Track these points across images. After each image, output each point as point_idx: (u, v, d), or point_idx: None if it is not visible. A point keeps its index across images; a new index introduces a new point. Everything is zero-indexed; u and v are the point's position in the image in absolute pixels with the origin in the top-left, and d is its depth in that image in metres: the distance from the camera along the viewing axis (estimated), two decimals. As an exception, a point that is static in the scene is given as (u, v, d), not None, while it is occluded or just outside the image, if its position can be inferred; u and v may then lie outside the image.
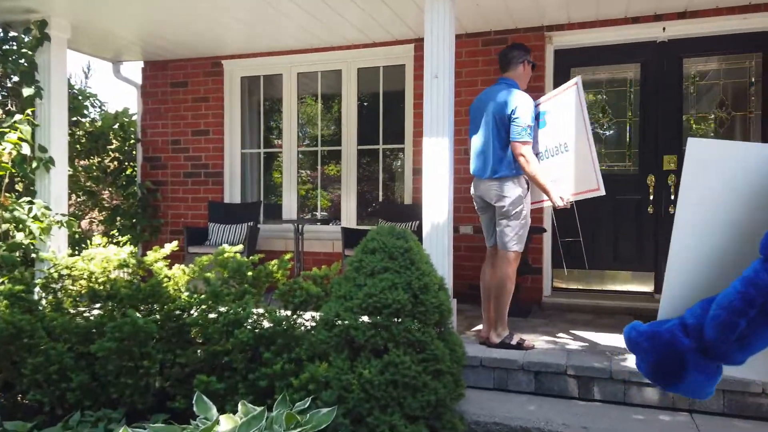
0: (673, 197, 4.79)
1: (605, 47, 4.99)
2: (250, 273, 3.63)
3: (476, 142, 3.71)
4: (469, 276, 4.87)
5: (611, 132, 5.11)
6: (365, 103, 6.08)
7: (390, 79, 5.78)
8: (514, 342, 3.59)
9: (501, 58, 3.77)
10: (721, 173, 1.22)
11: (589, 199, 4.67)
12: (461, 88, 5.19)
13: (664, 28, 4.72)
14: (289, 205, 6.06)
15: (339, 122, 5.97)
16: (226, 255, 3.77)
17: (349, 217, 5.86)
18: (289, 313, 3.29)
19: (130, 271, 3.95)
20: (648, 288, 4.96)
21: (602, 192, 3.36)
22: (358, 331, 2.76)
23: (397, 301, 2.79)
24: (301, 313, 3.32)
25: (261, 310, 3.25)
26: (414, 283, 2.88)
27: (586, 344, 3.73)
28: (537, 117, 3.69)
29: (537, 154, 3.61)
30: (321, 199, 6.30)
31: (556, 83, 5.09)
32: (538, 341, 3.79)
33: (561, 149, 3.57)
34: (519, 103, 3.46)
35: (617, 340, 3.80)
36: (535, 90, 4.94)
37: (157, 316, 3.27)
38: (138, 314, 3.11)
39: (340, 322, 2.84)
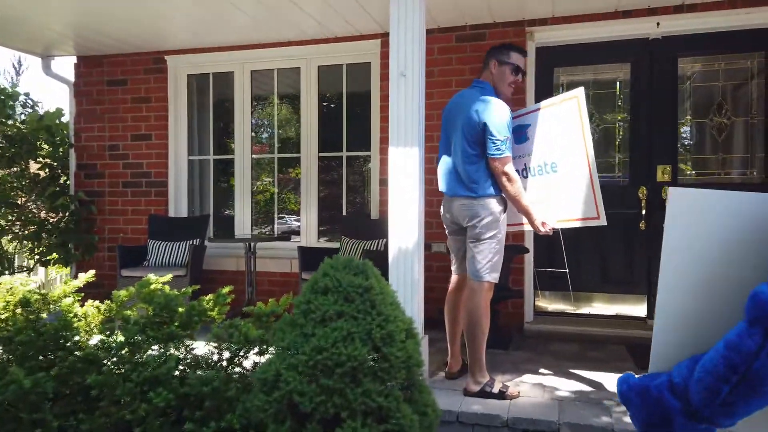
0: (667, 211, 4.31)
1: (592, 44, 4.49)
2: (181, 309, 3.00)
3: (446, 153, 3.20)
4: (441, 300, 4.30)
5: (598, 139, 4.61)
6: (328, 105, 5.48)
7: (355, 78, 5.19)
8: (495, 390, 3.03)
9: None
10: (704, 224, 1.18)
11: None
12: (433, 89, 4.64)
13: (658, 24, 4.23)
14: (242, 220, 5.41)
15: (298, 126, 5.35)
16: (152, 286, 3.13)
17: (309, 233, 5.25)
18: (225, 363, 2.68)
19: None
20: (640, 312, 4.47)
21: (603, 222, 2.88)
22: (304, 396, 2.15)
23: (353, 357, 2.19)
24: (240, 360, 2.71)
25: (190, 359, 2.63)
26: (375, 332, 2.28)
27: (578, 388, 3.20)
28: (516, 130, 3.22)
29: None
30: (278, 212, 5.67)
31: (539, 84, 4.58)
32: (523, 385, 3.25)
33: (547, 169, 3.12)
34: (491, 111, 2.95)
35: (611, 381, 3.28)
36: (515, 93, 4.41)
37: (59, 370, 2.62)
38: (33, 369, 2.47)
39: (282, 384, 2.25)
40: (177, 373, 2.54)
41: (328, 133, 5.28)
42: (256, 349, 2.76)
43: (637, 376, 1.32)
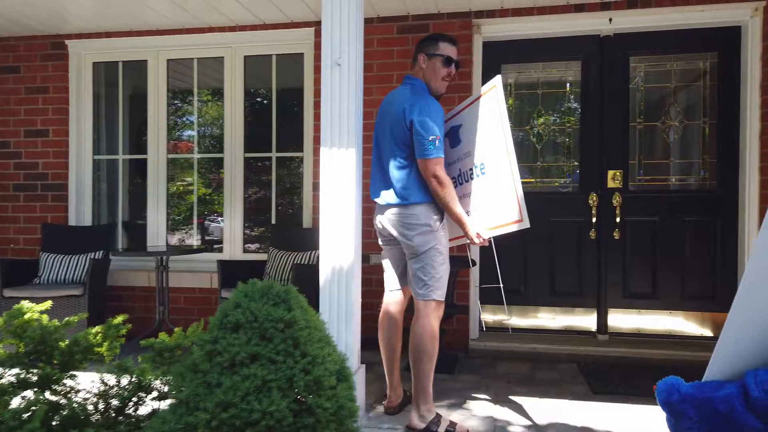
0: (618, 219, 4.07)
1: (542, 40, 4.20)
2: (63, 344, 2.43)
3: (376, 158, 2.83)
4: (373, 317, 3.88)
5: (548, 142, 4.33)
6: (256, 100, 4.95)
7: (286, 70, 4.69)
8: (441, 430, 2.63)
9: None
10: None
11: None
12: (373, 85, 4.21)
13: (610, 19, 3.98)
14: (156, 228, 4.78)
15: (222, 123, 4.79)
16: (26, 316, 2.54)
17: (233, 243, 4.69)
18: (113, 413, 2.14)
19: None
20: (590, 326, 4.21)
21: (526, 224, 2.54)
22: (203, 469, 1.68)
23: (269, 414, 1.72)
24: (134, 408, 2.18)
25: (67, 411, 2.07)
26: (298, 379, 1.81)
27: (533, 420, 2.84)
28: (449, 132, 2.89)
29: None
30: (208, 216, 5.07)
31: (486, 81, 4.23)
32: (472, 420, 2.86)
33: (477, 172, 2.75)
34: (418, 109, 2.59)
35: (567, 410, 2.96)
36: (461, 91, 4.05)
37: None
38: None
39: (175, 450, 1.74)
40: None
41: (256, 132, 4.75)
42: (155, 393, 2.24)
43: (686, 383, 1.17)
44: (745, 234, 3.82)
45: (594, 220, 4.13)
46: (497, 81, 2.67)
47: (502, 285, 3.09)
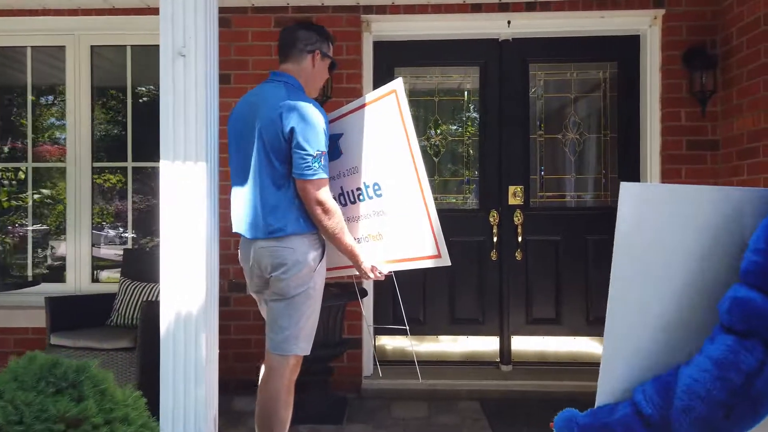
0: (520, 239, 3.75)
1: (439, 43, 3.81)
2: None
3: (238, 178, 2.23)
4: (261, 354, 3.28)
5: (446, 155, 3.95)
6: (107, 100, 4.17)
7: (146, 64, 3.97)
8: None
9: (281, 39, 2.31)
10: (661, 222, 1.05)
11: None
12: (247, 85, 3.55)
13: (509, 22, 3.66)
14: (-25, 255, 3.86)
15: (64, 126, 3.96)
16: None
17: (79, 271, 3.87)
18: None
19: None
20: (494, 355, 3.85)
21: (445, 261, 2.14)
22: None
23: None
24: None
25: None
26: None
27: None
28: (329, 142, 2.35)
29: None
30: (32, 243, 4.18)
31: (377, 85, 3.77)
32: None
33: (369, 193, 2.27)
34: (301, 116, 2.05)
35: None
36: (348, 95, 3.55)
37: None
38: None
39: None
40: None
41: (107, 137, 3.97)
42: None
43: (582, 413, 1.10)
44: (647, 254, 3.62)
45: (495, 239, 3.79)
46: (398, 85, 2.18)
47: (407, 327, 2.59)
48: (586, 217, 3.81)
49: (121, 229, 4.12)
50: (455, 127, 3.94)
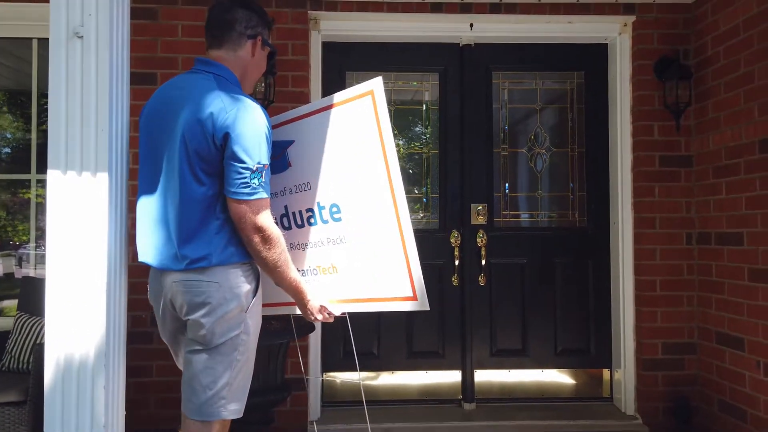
0: (484, 262, 3.41)
1: (396, 45, 3.46)
2: None
3: (147, 192, 1.75)
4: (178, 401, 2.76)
5: (403, 169, 3.57)
6: (11, 102, 3.58)
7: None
8: None
9: (212, 18, 1.82)
10: None
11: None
12: (175, 87, 3.12)
13: (471, 25, 3.35)
14: None
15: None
16: None
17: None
18: None
19: None
20: (455, 392, 3.47)
21: (423, 305, 1.81)
22: None
23: None
24: None
25: None
26: None
27: None
28: (274, 151, 1.92)
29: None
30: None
31: (327, 91, 3.37)
32: None
33: (326, 216, 1.87)
34: (240, 117, 1.60)
35: None
36: (294, 101, 3.13)
37: None
38: None
39: None
40: None
41: (9, 146, 3.38)
42: None
43: None
44: (620, 278, 3.36)
45: (457, 263, 3.43)
46: (376, 85, 1.79)
47: (359, 377, 2.16)
48: (554, 238, 3.52)
49: (26, 251, 3.52)
50: (413, 139, 3.58)
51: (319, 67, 3.35)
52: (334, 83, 3.41)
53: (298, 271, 1.83)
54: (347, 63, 3.46)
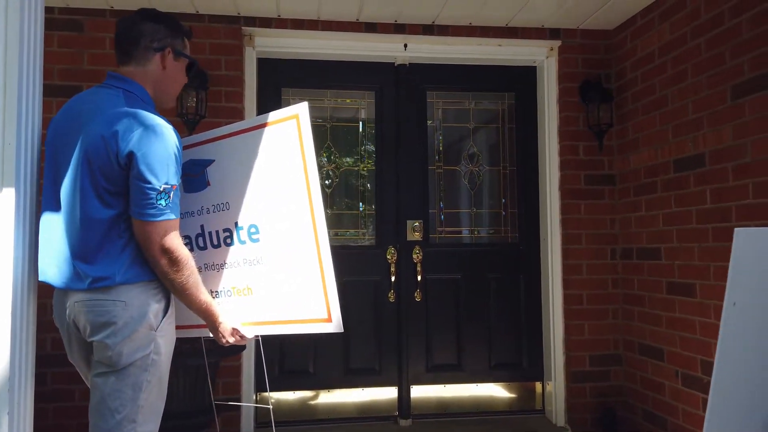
0: (420, 277, 3.45)
1: (333, 63, 3.48)
2: None
3: (50, 209, 1.67)
4: None
5: (339, 185, 3.58)
6: None
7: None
8: None
9: (119, 33, 1.74)
10: None
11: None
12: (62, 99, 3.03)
13: (405, 45, 3.42)
14: None
15: None
16: None
17: None
18: None
19: None
20: (391, 409, 3.46)
21: (337, 327, 1.74)
22: None
23: None
24: None
25: None
26: None
27: None
28: (187, 170, 1.87)
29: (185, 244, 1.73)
30: None
31: (262, 109, 3.36)
32: None
33: (241, 236, 1.83)
34: (143, 135, 1.55)
35: None
36: (229, 116, 3.11)
37: None
38: None
39: None
40: None
41: None
42: None
43: None
44: (549, 293, 3.46)
45: (393, 279, 3.45)
46: (302, 109, 1.78)
47: (271, 404, 2.10)
48: (488, 254, 3.59)
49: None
50: (350, 156, 3.60)
51: (254, 83, 3.33)
52: (269, 99, 3.40)
53: (212, 292, 1.79)
54: (283, 79, 3.46)
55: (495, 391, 3.58)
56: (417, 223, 3.50)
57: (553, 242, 3.45)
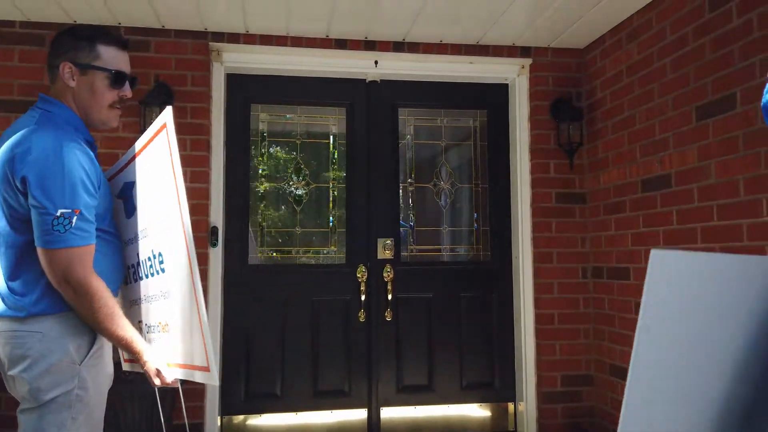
0: (390, 297, 3.40)
1: (303, 79, 3.45)
2: None
3: None
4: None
5: (309, 203, 3.53)
6: None
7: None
8: None
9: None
10: (689, 290, 0.93)
11: (269, 299, 3.13)
12: (12, 114, 2.95)
13: (376, 62, 3.39)
14: None
15: None
16: None
17: None
18: None
19: None
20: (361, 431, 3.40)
21: (214, 379, 1.51)
22: None
23: None
24: None
25: None
26: None
27: None
28: (123, 194, 1.78)
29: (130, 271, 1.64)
30: None
31: (232, 125, 3.32)
32: None
33: (156, 266, 1.66)
34: (42, 159, 1.45)
35: None
36: (195, 132, 3.06)
37: None
38: None
39: None
40: None
41: None
42: None
43: None
44: (521, 312, 3.42)
45: (364, 298, 3.40)
46: (167, 117, 1.60)
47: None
48: (459, 273, 3.55)
49: None
50: (320, 173, 3.55)
51: (221, 99, 3.28)
52: (238, 115, 3.35)
53: (148, 326, 1.68)
54: (253, 95, 3.41)
55: (467, 411, 3.52)
56: (388, 241, 3.46)
57: (524, 260, 3.42)
